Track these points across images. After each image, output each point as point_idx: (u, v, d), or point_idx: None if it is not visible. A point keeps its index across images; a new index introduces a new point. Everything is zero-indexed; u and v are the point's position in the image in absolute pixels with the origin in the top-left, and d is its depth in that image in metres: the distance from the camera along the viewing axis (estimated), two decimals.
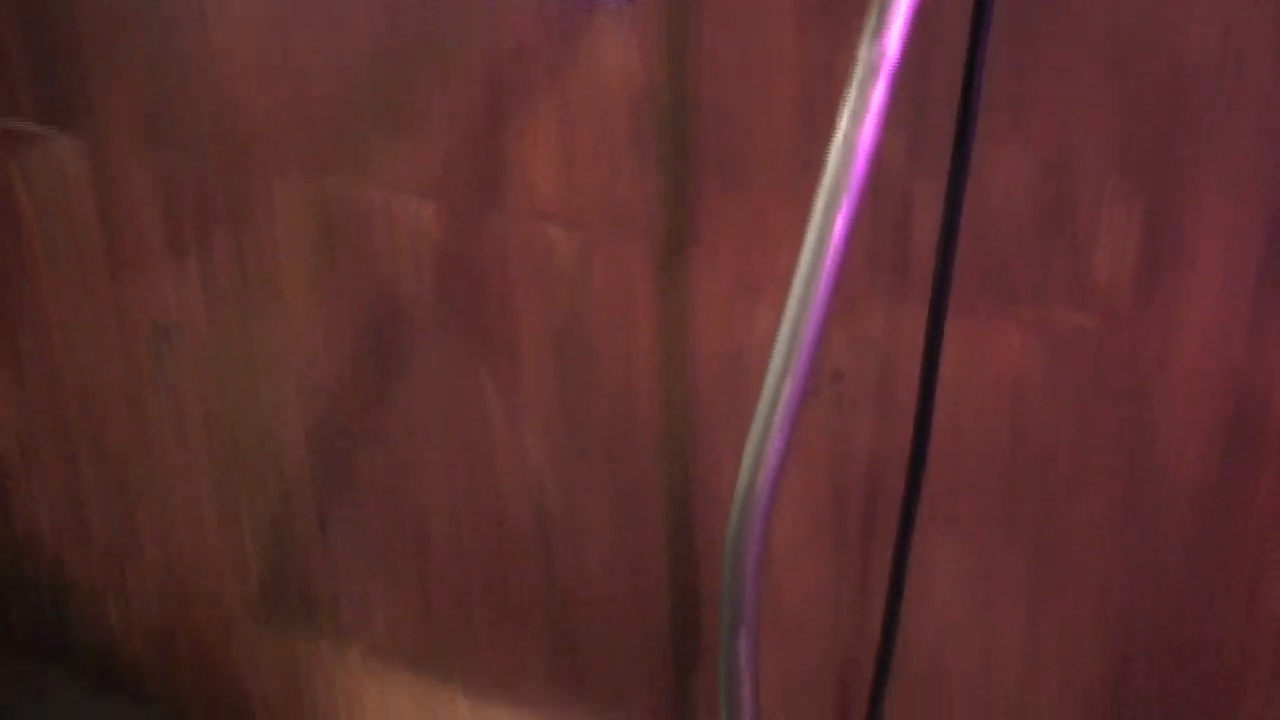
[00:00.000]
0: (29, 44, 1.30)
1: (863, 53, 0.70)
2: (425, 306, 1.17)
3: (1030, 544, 0.99)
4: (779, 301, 0.72)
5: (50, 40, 1.28)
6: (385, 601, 1.35)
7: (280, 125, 1.19)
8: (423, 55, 1.08)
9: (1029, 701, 1.04)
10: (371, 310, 1.21)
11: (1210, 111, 0.82)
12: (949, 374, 0.96)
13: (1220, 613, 0.95)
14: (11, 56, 1.31)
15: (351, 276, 1.21)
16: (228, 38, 1.17)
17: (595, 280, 1.08)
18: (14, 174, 1.38)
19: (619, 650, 1.22)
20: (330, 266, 1.21)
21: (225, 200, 1.26)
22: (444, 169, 1.11)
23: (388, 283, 1.19)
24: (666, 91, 0.98)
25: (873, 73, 0.70)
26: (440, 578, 1.30)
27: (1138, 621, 0.98)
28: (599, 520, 1.17)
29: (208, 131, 1.23)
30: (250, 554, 1.42)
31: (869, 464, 1.03)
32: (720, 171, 0.99)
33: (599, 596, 1.21)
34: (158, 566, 1.51)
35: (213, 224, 1.28)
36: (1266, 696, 0.96)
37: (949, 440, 0.98)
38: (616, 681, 1.24)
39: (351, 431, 1.28)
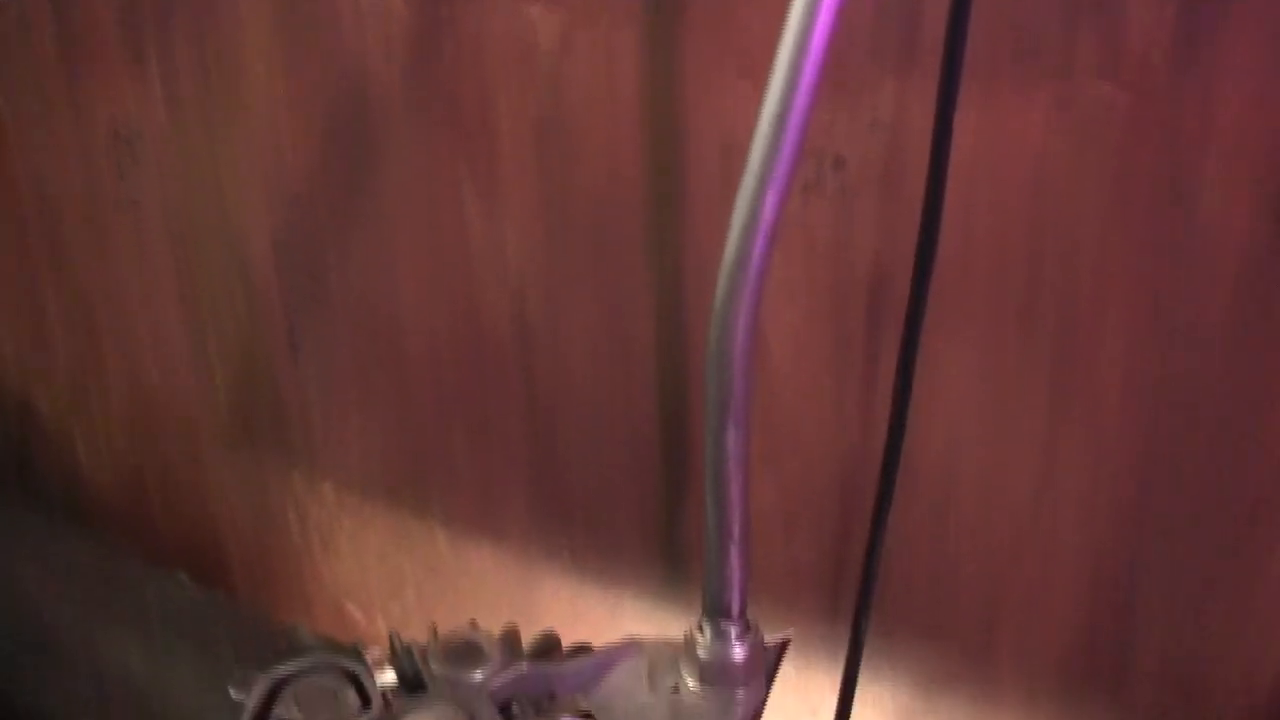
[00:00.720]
0: None
1: None
2: (397, 99, 1.09)
3: (1050, 345, 0.91)
4: None
5: None
6: (359, 428, 1.28)
7: None
8: None
9: (1043, 516, 0.96)
10: (340, 106, 1.13)
11: None
12: (962, 157, 0.86)
13: (1257, 421, 0.86)
14: None
15: (318, 70, 1.12)
16: None
17: (578, 63, 0.99)
18: None
19: (604, 473, 1.15)
20: (296, 59, 1.13)
21: None
22: None
23: (356, 75, 1.10)
24: None
25: None
26: (416, 401, 1.22)
27: (1165, 434, 0.90)
28: (582, 327, 1.09)
29: None
30: (218, 379, 1.35)
31: (874, 260, 0.94)
32: None
33: (583, 414, 1.13)
34: (124, 396, 1.44)
35: (172, 19, 1.19)
36: None
37: (961, 232, 0.90)
38: (602, 507, 1.17)
39: (322, 241, 1.20)
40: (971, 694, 1.07)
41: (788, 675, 1.13)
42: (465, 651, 0.79)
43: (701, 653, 0.81)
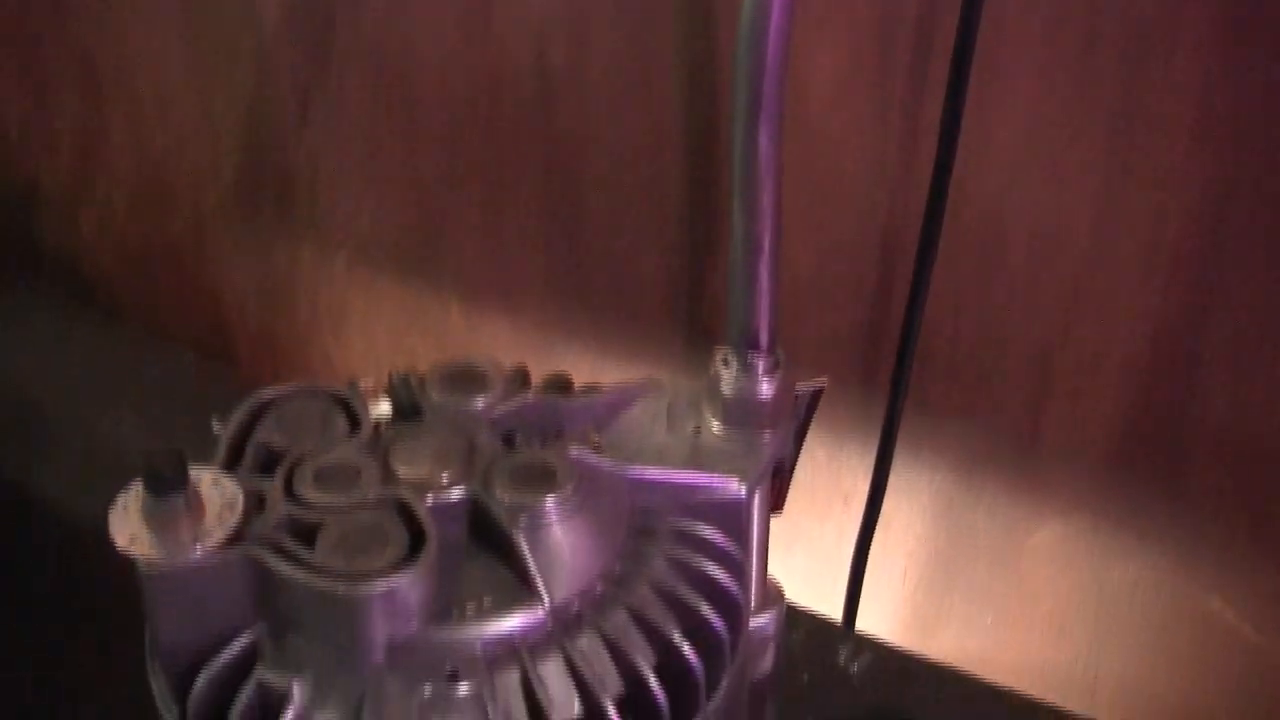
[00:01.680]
0: None
1: None
2: None
3: (1114, 75, 0.82)
4: None
5: None
6: (370, 197, 1.21)
7: None
8: None
9: (1099, 273, 0.89)
10: None
11: None
12: None
13: None
14: None
15: None
16: None
17: None
18: None
19: (627, 241, 1.08)
20: None
21: None
22: None
23: None
24: None
25: None
26: (430, 166, 1.15)
27: (1240, 177, 0.81)
28: (606, 77, 1.01)
29: None
30: (225, 149, 1.28)
31: None
32: None
33: (604, 176, 1.06)
34: (129, 166, 1.38)
35: None
36: None
37: None
38: (624, 278, 1.10)
39: None
40: (1014, 477, 1.01)
41: (818, 460, 1.07)
42: (467, 378, 0.73)
43: (726, 389, 0.74)
